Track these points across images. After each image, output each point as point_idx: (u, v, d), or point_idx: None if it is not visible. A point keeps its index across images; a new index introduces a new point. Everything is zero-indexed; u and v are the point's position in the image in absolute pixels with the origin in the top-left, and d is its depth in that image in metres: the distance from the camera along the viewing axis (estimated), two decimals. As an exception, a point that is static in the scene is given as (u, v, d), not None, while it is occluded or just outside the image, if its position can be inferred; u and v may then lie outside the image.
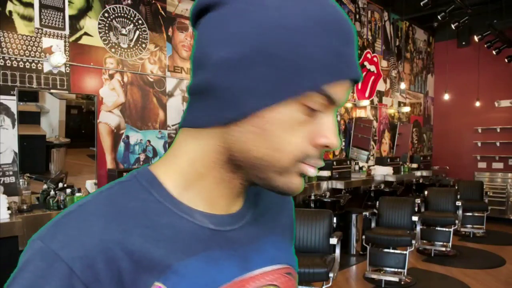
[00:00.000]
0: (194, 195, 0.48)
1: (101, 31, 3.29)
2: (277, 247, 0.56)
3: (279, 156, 0.45)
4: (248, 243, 0.51)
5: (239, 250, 0.49)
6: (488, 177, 7.63)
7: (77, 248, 0.41)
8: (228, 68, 0.42)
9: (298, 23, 0.42)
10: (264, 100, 0.43)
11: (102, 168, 3.27)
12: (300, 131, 0.45)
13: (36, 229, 1.66)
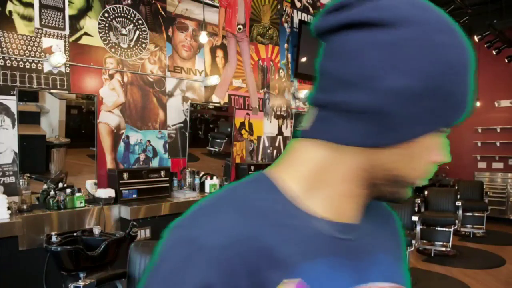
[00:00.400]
0: (317, 202, 0.49)
1: (101, 31, 3.29)
2: (391, 264, 0.56)
3: (416, 174, 0.50)
4: (366, 255, 0.52)
5: (356, 260, 0.50)
6: (488, 177, 7.63)
7: (217, 238, 0.42)
8: (404, 97, 0.44)
9: (459, 61, 0.48)
10: (426, 129, 0.48)
11: (102, 168, 3.27)
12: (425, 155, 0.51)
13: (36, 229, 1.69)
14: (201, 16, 3.95)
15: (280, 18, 4.96)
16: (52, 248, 2.44)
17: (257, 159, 4.65)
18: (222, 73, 4.23)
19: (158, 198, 3.36)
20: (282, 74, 4.97)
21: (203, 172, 3.95)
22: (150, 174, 3.37)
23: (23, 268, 2.56)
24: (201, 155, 4.04)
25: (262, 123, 4.72)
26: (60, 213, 2.75)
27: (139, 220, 3.09)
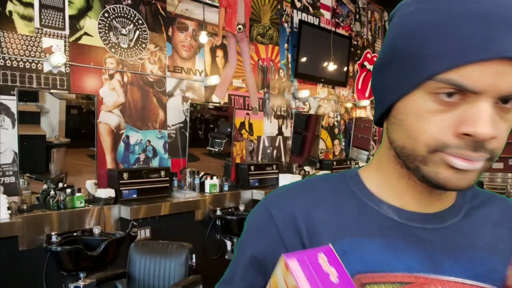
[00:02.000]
0: (384, 190, 0.54)
1: (101, 31, 3.29)
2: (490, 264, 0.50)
3: (414, 145, 0.47)
4: (442, 247, 0.50)
5: (428, 250, 0.50)
6: (488, 177, 7.63)
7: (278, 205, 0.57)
8: (375, 72, 0.52)
9: (425, 20, 0.44)
10: (395, 94, 0.48)
11: (102, 168, 3.27)
12: (435, 120, 0.45)
13: (36, 229, 1.70)
14: (201, 16, 3.95)
15: (280, 18, 4.96)
16: (52, 248, 2.44)
17: (257, 159, 4.65)
18: (222, 73, 4.23)
19: (158, 198, 3.36)
20: (282, 74, 4.97)
21: (203, 172, 3.95)
22: (150, 174, 3.37)
23: (23, 268, 2.56)
24: (201, 155, 4.04)
25: (262, 123, 4.72)
26: (60, 213, 2.75)
27: (139, 220, 3.09)
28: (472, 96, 0.43)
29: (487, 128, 0.43)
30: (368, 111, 6.60)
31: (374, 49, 6.74)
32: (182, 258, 2.39)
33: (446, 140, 0.45)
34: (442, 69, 0.43)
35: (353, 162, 6.05)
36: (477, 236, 0.52)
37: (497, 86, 0.42)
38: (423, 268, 0.49)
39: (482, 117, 0.43)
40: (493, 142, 0.46)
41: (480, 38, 0.41)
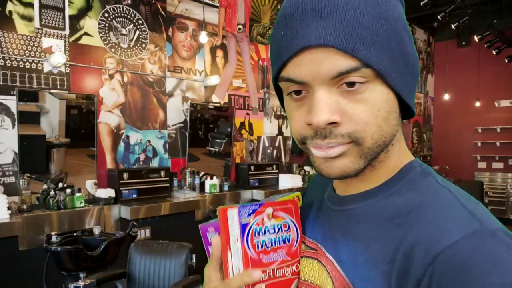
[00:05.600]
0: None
1: (101, 31, 3.29)
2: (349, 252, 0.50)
3: (293, 134, 0.51)
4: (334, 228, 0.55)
5: (326, 227, 0.56)
6: (488, 177, 7.63)
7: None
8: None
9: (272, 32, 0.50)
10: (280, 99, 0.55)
11: (102, 168, 3.27)
12: (296, 116, 0.49)
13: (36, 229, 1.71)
14: (201, 16, 3.95)
15: (280, 18, 4.96)
16: (52, 248, 2.44)
17: (257, 159, 4.65)
18: (222, 73, 4.23)
19: (158, 198, 3.36)
20: (282, 74, 4.97)
21: (203, 172, 3.95)
22: (150, 174, 3.37)
23: (23, 268, 2.56)
24: (201, 155, 4.04)
25: (262, 123, 4.72)
26: (60, 213, 2.75)
27: (139, 220, 3.09)
28: (310, 89, 0.46)
29: (319, 116, 0.45)
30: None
31: (374, 49, 6.73)
32: (182, 258, 2.39)
33: (303, 133, 0.48)
34: (276, 70, 0.48)
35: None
36: (361, 225, 0.51)
37: (319, 73, 0.44)
38: (321, 242, 0.55)
39: (315, 106, 0.45)
40: (346, 126, 0.45)
41: (288, 35, 0.45)
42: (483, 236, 0.41)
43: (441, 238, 0.41)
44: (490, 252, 0.40)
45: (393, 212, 0.48)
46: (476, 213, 0.44)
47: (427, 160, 8.02)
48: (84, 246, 2.59)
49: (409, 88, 0.49)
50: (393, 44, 0.45)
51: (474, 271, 0.38)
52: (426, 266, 0.41)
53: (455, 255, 0.40)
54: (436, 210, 0.45)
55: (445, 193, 0.47)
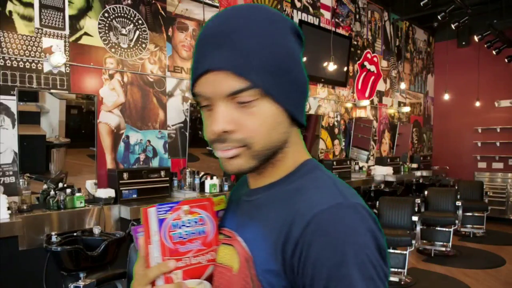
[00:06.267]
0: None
1: (101, 31, 3.29)
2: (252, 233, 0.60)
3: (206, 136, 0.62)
4: (244, 216, 0.65)
5: (239, 216, 0.66)
6: (488, 177, 7.63)
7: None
8: None
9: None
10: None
11: (102, 168, 3.27)
12: (207, 123, 0.60)
13: (36, 229, 1.72)
14: (201, 16, 3.95)
15: (280, 18, 4.95)
16: (52, 248, 2.44)
17: (257, 159, 4.64)
18: (222, 73, 4.23)
19: (158, 198, 3.36)
20: (282, 74, 4.96)
21: (203, 172, 3.95)
22: (150, 174, 3.37)
23: (23, 268, 2.56)
24: (201, 155, 4.04)
25: (262, 123, 4.71)
26: (60, 213, 2.75)
27: (139, 220, 3.08)
28: (213, 103, 0.58)
29: (217, 125, 0.57)
30: (368, 111, 6.60)
31: (374, 49, 6.74)
32: (182, 258, 2.39)
33: (210, 138, 0.60)
34: (191, 86, 0.61)
35: (353, 162, 6.05)
36: (263, 210, 0.62)
37: (218, 91, 0.56)
38: (235, 229, 0.64)
39: (214, 117, 0.58)
40: (238, 133, 0.57)
41: (198, 57, 0.58)
42: (344, 207, 0.54)
43: (314, 207, 0.54)
44: (347, 219, 0.53)
45: (286, 195, 0.59)
46: (345, 192, 0.57)
47: (427, 160, 8.02)
48: (84, 246, 2.58)
49: (296, 104, 0.60)
50: (279, 70, 0.56)
51: (333, 233, 0.51)
52: (302, 229, 0.53)
53: (321, 220, 0.52)
54: (315, 189, 0.58)
55: (325, 178, 0.61)
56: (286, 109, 0.59)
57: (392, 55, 7.22)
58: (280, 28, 0.59)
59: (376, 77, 6.78)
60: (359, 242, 0.51)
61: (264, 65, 0.55)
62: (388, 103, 7.14)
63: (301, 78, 0.61)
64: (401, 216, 4.46)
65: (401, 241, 4.08)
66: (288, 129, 0.61)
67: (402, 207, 4.49)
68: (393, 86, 7.26)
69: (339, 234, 0.51)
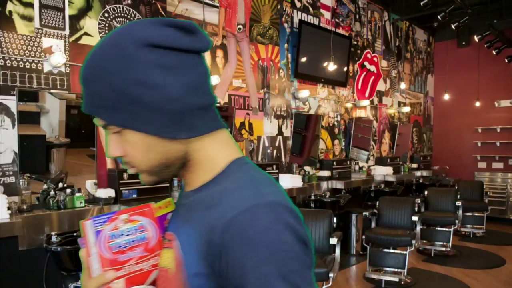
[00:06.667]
0: None
1: (101, 31, 3.29)
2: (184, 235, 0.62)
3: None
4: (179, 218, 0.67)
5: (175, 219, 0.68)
6: (488, 177, 7.63)
7: None
8: None
9: None
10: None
11: (102, 168, 3.27)
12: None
13: (36, 229, 1.72)
14: (201, 16, 3.95)
15: (280, 18, 4.96)
16: (52, 248, 2.44)
17: (257, 159, 4.65)
18: (222, 73, 4.23)
19: (158, 198, 3.31)
20: (282, 74, 4.97)
21: (203, 172, 3.94)
22: (150, 174, 3.36)
23: (23, 268, 2.56)
24: (201, 155, 4.03)
25: (262, 123, 4.72)
26: (60, 213, 2.74)
27: (139, 220, 3.08)
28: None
29: (107, 153, 0.65)
30: (368, 111, 6.60)
31: (374, 49, 6.74)
32: (182, 258, 2.39)
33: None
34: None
35: (353, 162, 6.05)
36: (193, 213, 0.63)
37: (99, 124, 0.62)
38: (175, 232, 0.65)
39: (106, 144, 0.65)
40: (126, 158, 0.64)
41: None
42: (260, 208, 0.55)
43: (231, 211, 0.55)
44: (262, 219, 0.54)
45: (211, 198, 0.61)
46: (264, 192, 0.58)
47: (427, 160, 8.02)
48: (84, 246, 2.58)
49: (164, 125, 0.60)
50: (123, 102, 0.58)
51: (250, 235, 0.53)
52: (222, 233, 0.54)
53: (238, 223, 0.54)
54: (236, 191, 0.59)
55: (246, 179, 0.62)
56: (152, 134, 0.61)
57: (392, 55, 7.22)
58: (123, 50, 0.57)
59: (376, 77, 6.78)
60: (276, 240, 0.53)
61: (106, 104, 0.59)
62: (388, 103, 7.14)
63: (165, 94, 0.58)
64: (401, 216, 4.46)
65: (401, 241, 4.08)
66: (170, 146, 0.62)
67: (402, 207, 4.49)
68: (393, 86, 7.26)
69: (256, 235, 0.53)
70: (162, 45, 0.58)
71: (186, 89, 0.60)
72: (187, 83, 0.60)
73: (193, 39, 0.60)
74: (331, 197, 4.93)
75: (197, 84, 0.62)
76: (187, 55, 0.60)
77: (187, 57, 0.60)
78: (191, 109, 0.61)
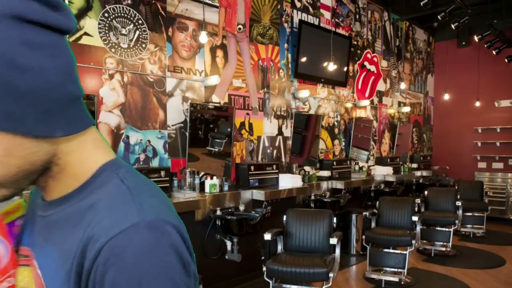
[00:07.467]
0: None
1: (101, 31, 3.29)
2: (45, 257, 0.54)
3: None
4: (37, 233, 0.57)
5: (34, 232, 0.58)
6: (488, 177, 7.63)
7: None
8: None
9: None
10: None
11: (102, 168, 3.27)
12: None
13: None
14: (201, 16, 3.95)
15: (280, 18, 4.96)
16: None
17: (257, 159, 4.65)
18: (222, 73, 4.23)
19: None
20: (282, 74, 4.97)
21: (203, 172, 3.95)
22: (150, 174, 3.37)
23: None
24: (201, 155, 4.04)
25: (262, 123, 4.72)
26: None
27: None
28: None
29: None
30: (368, 111, 6.60)
31: (374, 49, 6.74)
32: (182, 258, 2.39)
33: None
34: None
35: (353, 162, 6.05)
36: (57, 231, 0.54)
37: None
38: (32, 248, 0.56)
39: None
40: None
41: None
42: (139, 228, 0.48)
43: (106, 232, 0.48)
44: (142, 242, 0.47)
45: (79, 214, 0.52)
46: (143, 206, 0.51)
47: (427, 160, 8.02)
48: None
49: (31, 121, 0.48)
50: None
51: (127, 260, 0.46)
52: (94, 258, 0.47)
53: (113, 247, 0.47)
54: (109, 207, 0.51)
55: (120, 189, 0.53)
56: (19, 132, 0.48)
57: (392, 55, 7.22)
58: None
59: (376, 77, 6.78)
60: (158, 264, 0.47)
61: None
62: (388, 103, 7.14)
63: (40, 78, 0.47)
64: (401, 216, 4.46)
65: (401, 241, 4.08)
66: (38, 147, 0.50)
67: (402, 207, 4.49)
68: (393, 86, 7.26)
69: (134, 260, 0.46)
70: (30, 18, 0.46)
71: (64, 73, 0.50)
72: (63, 66, 0.50)
73: (61, 16, 0.49)
74: (331, 197, 4.94)
75: (70, 70, 0.51)
76: (56, 35, 0.49)
77: (58, 37, 0.49)
78: (67, 99, 0.50)
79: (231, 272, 3.98)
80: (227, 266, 3.87)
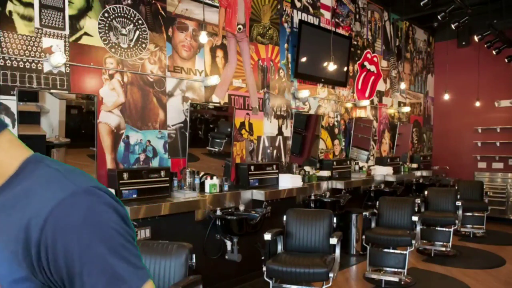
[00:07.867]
0: None
1: (101, 31, 3.29)
2: None
3: None
4: None
5: None
6: (488, 177, 7.63)
7: None
8: None
9: None
10: None
11: (102, 168, 3.27)
12: None
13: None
14: (201, 16, 3.95)
15: (280, 18, 4.96)
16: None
17: (257, 159, 4.65)
18: (222, 73, 4.23)
19: (158, 198, 3.36)
20: (282, 74, 4.97)
21: (203, 172, 3.95)
22: (150, 174, 3.37)
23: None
24: (201, 155, 4.04)
25: (262, 123, 4.72)
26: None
27: (139, 220, 3.09)
28: None
29: None
30: (368, 111, 6.60)
31: (374, 49, 6.74)
32: (182, 258, 2.39)
33: None
34: None
35: (353, 162, 6.05)
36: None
37: None
38: None
39: None
40: None
41: None
42: (77, 194, 0.55)
43: (47, 205, 0.53)
44: (83, 203, 0.54)
45: (14, 200, 0.57)
46: (75, 180, 0.57)
47: (427, 160, 8.02)
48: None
49: None
50: None
51: (72, 222, 0.53)
52: (40, 229, 0.52)
53: (57, 214, 0.53)
54: (44, 186, 0.57)
55: (51, 171, 0.59)
56: None
57: (392, 55, 7.22)
58: None
59: (376, 77, 6.78)
60: (100, 220, 0.55)
61: None
62: (388, 103, 7.14)
63: None
64: (401, 216, 4.46)
65: (401, 241, 4.08)
66: None
67: (402, 207, 4.49)
68: (393, 86, 7.26)
69: (78, 220, 0.53)
70: None
71: None
72: None
73: None
74: (331, 197, 4.94)
75: None
76: None
77: None
78: None
79: (231, 272, 3.98)
80: (227, 266, 3.87)
